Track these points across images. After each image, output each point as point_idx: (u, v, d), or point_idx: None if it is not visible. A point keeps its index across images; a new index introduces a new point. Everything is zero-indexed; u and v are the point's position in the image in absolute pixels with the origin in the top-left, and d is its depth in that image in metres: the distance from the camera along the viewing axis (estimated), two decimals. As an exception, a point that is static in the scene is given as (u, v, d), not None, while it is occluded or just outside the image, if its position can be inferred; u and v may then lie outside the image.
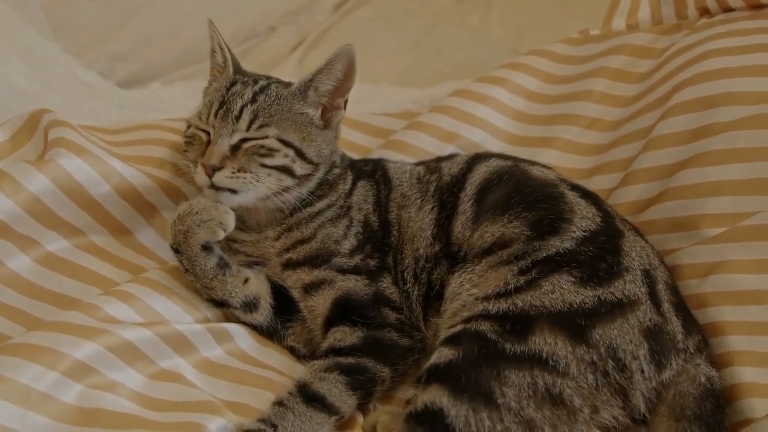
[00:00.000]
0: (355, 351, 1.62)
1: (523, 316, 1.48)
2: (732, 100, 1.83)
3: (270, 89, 1.74)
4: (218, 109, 1.71)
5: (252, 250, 1.78)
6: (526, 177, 1.72)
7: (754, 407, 1.49)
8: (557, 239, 1.58)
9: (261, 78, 1.82)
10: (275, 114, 1.71)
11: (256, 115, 1.70)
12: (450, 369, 1.45)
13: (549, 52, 2.33)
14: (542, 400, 1.42)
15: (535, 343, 1.45)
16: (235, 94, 1.72)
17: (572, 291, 1.50)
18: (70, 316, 1.56)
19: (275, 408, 1.51)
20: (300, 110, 1.75)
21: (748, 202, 1.72)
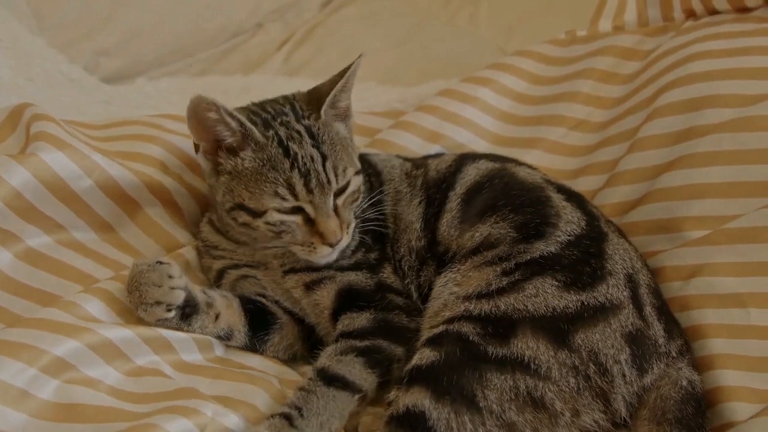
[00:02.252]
0: (367, 334, 1.62)
1: (506, 319, 1.48)
2: (717, 102, 1.84)
3: (316, 130, 1.68)
4: (305, 182, 1.61)
5: (251, 259, 1.79)
6: (514, 180, 1.72)
7: (736, 410, 1.49)
8: (542, 243, 1.58)
9: (283, 116, 1.71)
10: (338, 151, 1.68)
11: (335, 167, 1.66)
12: (432, 371, 1.44)
13: (535, 53, 2.33)
14: (524, 403, 1.42)
15: (518, 347, 1.45)
16: (307, 159, 1.63)
17: (556, 295, 1.50)
18: (50, 313, 1.54)
19: (298, 393, 1.52)
20: (341, 133, 1.75)
21: (732, 204, 1.72)
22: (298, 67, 3.15)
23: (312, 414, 1.48)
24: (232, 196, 1.66)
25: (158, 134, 1.95)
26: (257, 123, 1.66)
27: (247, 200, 1.64)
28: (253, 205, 1.63)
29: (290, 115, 1.70)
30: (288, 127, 1.67)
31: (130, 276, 1.60)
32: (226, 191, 1.67)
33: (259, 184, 1.63)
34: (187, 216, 1.95)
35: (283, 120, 1.68)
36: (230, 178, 1.66)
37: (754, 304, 1.60)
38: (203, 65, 3.20)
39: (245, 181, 1.64)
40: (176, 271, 1.60)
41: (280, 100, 1.77)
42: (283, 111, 1.71)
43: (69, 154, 1.75)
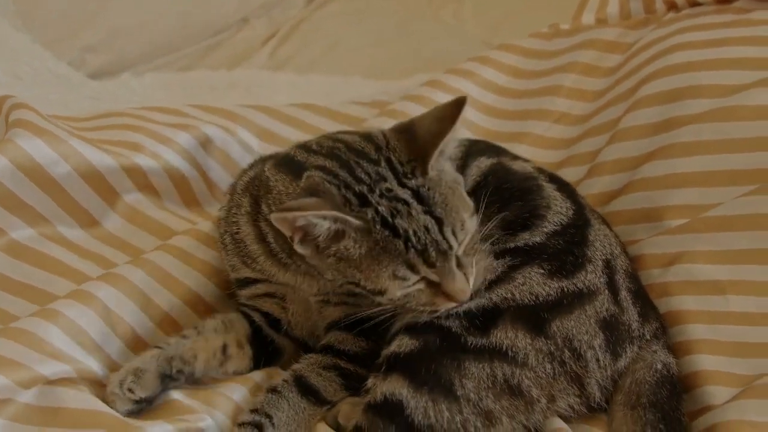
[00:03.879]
0: (356, 360, 1.61)
1: (494, 311, 1.48)
2: (697, 93, 1.85)
3: (425, 191, 1.41)
4: (425, 257, 1.39)
5: (285, 281, 1.64)
6: (507, 174, 1.71)
7: (714, 395, 1.50)
8: (527, 233, 1.58)
9: (382, 182, 1.42)
10: (452, 204, 1.42)
11: (453, 226, 1.41)
12: (410, 359, 1.44)
13: (518, 46, 2.34)
14: (501, 391, 1.43)
15: (497, 337, 1.45)
16: (421, 232, 1.38)
17: (540, 283, 1.51)
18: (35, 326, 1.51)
19: (269, 396, 1.51)
20: (449, 173, 1.49)
21: (711, 193, 1.74)
22: (283, 62, 3.15)
23: (282, 423, 1.48)
24: (344, 276, 1.44)
25: (141, 124, 1.97)
26: (351, 202, 1.40)
27: (362, 281, 1.42)
28: (370, 286, 1.42)
29: (390, 178, 1.42)
30: (390, 198, 1.40)
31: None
32: (335, 272, 1.45)
33: (372, 267, 1.40)
34: (165, 196, 1.96)
35: (382, 189, 1.40)
36: (337, 261, 1.43)
37: (733, 290, 1.62)
38: (189, 60, 3.20)
39: (356, 265, 1.41)
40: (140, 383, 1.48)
41: (371, 153, 1.47)
42: (379, 174, 1.43)
43: (46, 140, 1.75)
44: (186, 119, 2.09)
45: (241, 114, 2.20)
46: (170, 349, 1.54)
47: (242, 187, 1.69)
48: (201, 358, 1.56)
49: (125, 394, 1.45)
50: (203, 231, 1.82)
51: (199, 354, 1.56)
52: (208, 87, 2.84)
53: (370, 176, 1.42)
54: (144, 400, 1.47)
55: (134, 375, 1.46)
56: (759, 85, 1.77)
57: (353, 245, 1.40)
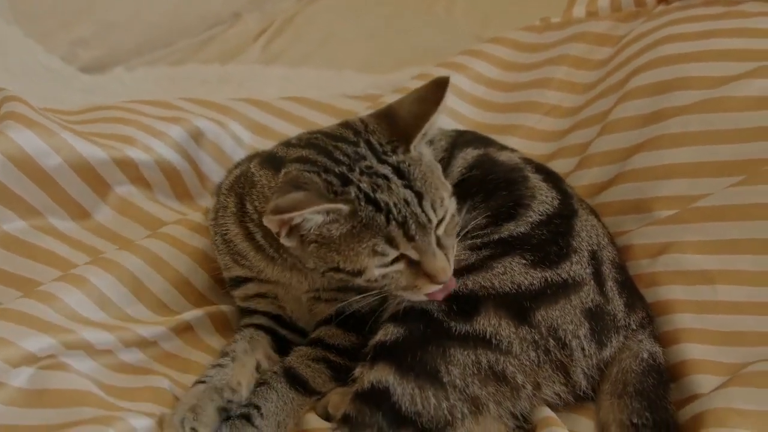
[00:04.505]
0: (345, 353, 1.62)
1: (472, 298, 1.49)
2: (686, 84, 1.86)
3: (406, 167, 1.43)
4: (404, 230, 1.39)
5: (277, 277, 1.66)
6: (493, 165, 1.72)
7: (701, 383, 1.51)
8: (512, 224, 1.59)
9: (362, 161, 1.43)
10: (432, 181, 1.44)
11: (433, 201, 1.42)
12: (396, 347, 1.45)
13: (509, 39, 2.35)
14: (486, 377, 1.44)
15: (480, 324, 1.46)
16: (401, 204, 1.39)
17: (522, 272, 1.52)
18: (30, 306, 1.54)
19: (258, 388, 1.53)
20: (428, 156, 1.50)
21: (699, 184, 1.75)
22: (275, 56, 3.15)
23: (271, 413, 1.50)
24: (324, 261, 1.45)
25: (133, 117, 1.98)
26: (333, 184, 1.41)
27: (341, 263, 1.42)
28: (350, 266, 1.42)
29: (369, 157, 1.44)
30: (370, 174, 1.41)
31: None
32: (317, 258, 1.45)
33: (351, 245, 1.41)
34: (156, 189, 1.97)
35: (362, 167, 1.42)
36: (318, 247, 1.44)
37: (721, 280, 1.63)
38: (181, 55, 3.19)
39: (335, 247, 1.42)
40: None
41: (349, 136, 1.49)
42: (358, 153, 1.44)
43: (37, 132, 1.76)
44: (178, 112, 2.09)
45: (233, 107, 2.21)
46: (215, 380, 1.52)
47: (227, 187, 1.70)
48: (244, 383, 1.55)
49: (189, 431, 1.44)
50: (194, 221, 1.84)
51: (242, 381, 1.55)
52: (200, 81, 2.84)
53: (348, 156, 1.44)
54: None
55: (192, 412, 1.45)
56: (746, 77, 1.78)
57: (336, 227, 1.40)
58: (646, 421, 1.45)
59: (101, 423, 1.35)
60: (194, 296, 1.78)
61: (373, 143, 1.46)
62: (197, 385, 1.52)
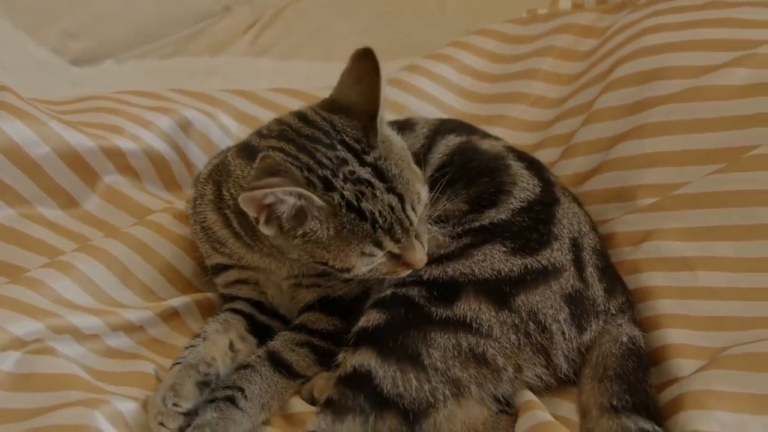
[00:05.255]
0: (329, 337, 1.64)
1: (453, 284, 1.51)
2: (668, 74, 1.87)
3: (382, 164, 1.45)
4: (391, 235, 1.44)
5: (256, 264, 1.69)
6: (475, 152, 1.74)
7: (681, 367, 1.53)
8: (494, 211, 1.61)
9: (344, 166, 1.44)
10: (407, 175, 1.47)
11: (412, 201, 1.45)
12: (378, 332, 1.48)
13: (496, 31, 2.37)
14: (467, 360, 1.46)
15: (461, 309, 1.48)
16: (386, 212, 1.42)
17: (502, 260, 1.54)
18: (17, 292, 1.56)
19: (242, 371, 1.54)
20: (394, 140, 1.52)
21: (681, 172, 1.76)
22: (265, 49, 3.17)
23: (255, 396, 1.51)
24: (311, 256, 1.47)
25: (121, 107, 1.99)
26: (315, 185, 1.42)
27: (330, 261, 1.46)
28: (339, 265, 1.46)
29: (350, 160, 1.44)
30: (354, 181, 1.42)
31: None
32: (301, 252, 1.48)
33: (341, 247, 1.44)
34: (145, 178, 1.98)
35: (345, 173, 1.43)
36: (303, 242, 1.45)
37: (702, 266, 1.64)
38: (172, 48, 3.21)
39: (323, 245, 1.44)
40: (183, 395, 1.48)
41: (324, 139, 1.47)
42: (339, 158, 1.44)
43: (26, 121, 1.78)
44: (166, 103, 2.11)
45: (221, 98, 2.22)
46: (189, 358, 1.55)
47: (205, 176, 1.72)
48: (218, 358, 1.58)
49: (172, 409, 1.45)
50: (180, 209, 1.86)
51: (215, 356, 1.58)
52: (189, 73, 2.86)
53: (331, 160, 1.44)
54: (190, 412, 1.47)
55: (172, 390, 1.47)
56: (729, 66, 1.80)
57: (319, 227, 1.42)
58: (625, 404, 1.46)
59: (87, 405, 1.37)
60: (181, 283, 1.81)
61: (350, 143, 1.46)
62: (174, 366, 1.54)
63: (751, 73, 1.77)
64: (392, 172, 1.45)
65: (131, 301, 1.70)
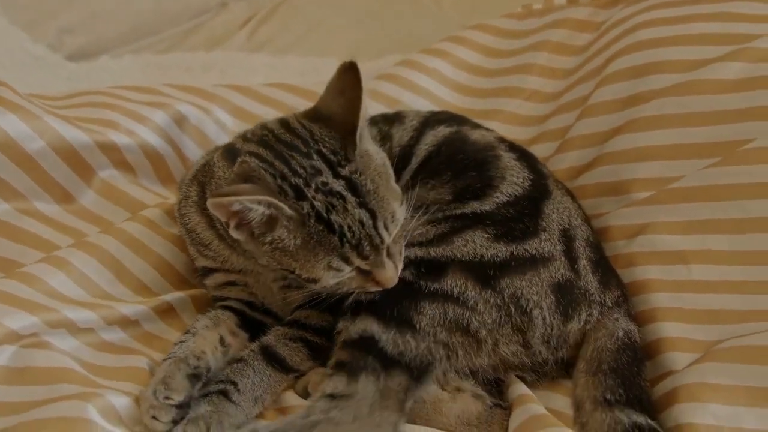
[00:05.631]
0: (323, 333, 1.64)
1: (437, 263, 1.55)
2: (662, 68, 1.88)
3: (357, 177, 1.43)
4: (358, 251, 1.43)
5: (243, 266, 1.69)
6: (464, 143, 1.74)
7: (676, 360, 1.54)
8: (477, 203, 1.63)
9: (317, 176, 1.42)
10: (383, 192, 1.45)
11: (385, 219, 1.44)
12: (374, 304, 1.53)
13: (492, 26, 2.38)
14: (453, 327, 1.52)
15: (447, 284, 1.53)
16: (356, 227, 1.41)
17: (484, 245, 1.56)
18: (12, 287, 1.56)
19: (235, 365, 1.55)
20: (373, 154, 1.49)
21: (675, 166, 1.77)
22: (261, 45, 3.16)
23: (248, 389, 1.52)
24: (279, 263, 1.47)
25: (117, 102, 2.00)
26: (287, 193, 1.41)
27: (297, 270, 1.45)
28: (305, 275, 1.45)
29: (325, 171, 1.43)
30: (325, 193, 1.41)
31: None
32: (270, 259, 1.48)
33: (308, 257, 1.43)
34: (140, 173, 1.98)
35: (318, 183, 1.41)
36: (272, 249, 1.45)
37: (696, 260, 1.65)
38: (168, 44, 3.20)
39: (292, 254, 1.44)
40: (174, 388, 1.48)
41: (300, 146, 1.46)
42: (314, 167, 1.43)
43: (21, 116, 1.78)
44: (161, 98, 2.11)
45: (216, 93, 2.22)
46: (179, 352, 1.55)
47: (191, 177, 1.72)
48: (208, 351, 1.58)
49: (164, 402, 1.46)
50: (173, 204, 1.85)
51: (205, 350, 1.58)
52: (185, 69, 2.85)
53: (305, 169, 1.43)
54: (182, 405, 1.47)
55: (163, 383, 1.47)
56: (722, 60, 1.80)
57: (287, 235, 1.42)
58: (619, 397, 1.47)
59: (81, 399, 1.37)
60: (176, 279, 1.81)
61: (326, 154, 1.45)
62: (164, 361, 1.55)
63: (744, 67, 1.77)
64: (367, 188, 1.43)
65: (125, 296, 1.70)
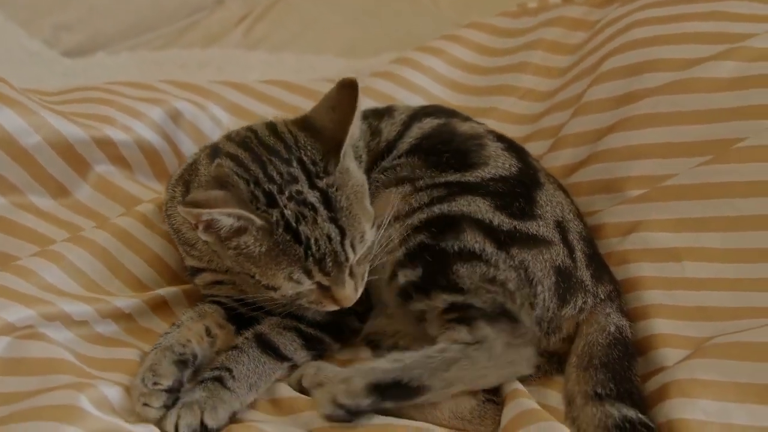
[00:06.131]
0: (316, 326, 1.65)
1: (447, 218, 1.56)
2: (655, 67, 1.88)
3: (333, 192, 1.43)
4: (321, 266, 1.43)
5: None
6: (450, 133, 1.74)
7: (667, 356, 1.55)
8: (458, 174, 1.64)
9: (293, 184, 1.43)
10: (356, 212, 1.46)
11: (353, 239, 1.44)
12: (414, 284, 1.55)
13: (487, 24, 2.39)
14: (487, 280, 1.53)
15: (467, 240, 1.54)
16: (322, 241, 1.41)
17: (489, 210, 1.57)
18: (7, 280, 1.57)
19: (230, 352, 1.55)
20: (354, 173, 1.50)
21: (668, 164, 1.77)
22: (257, 42, 3.17)
23: (243, 376, 1.52)
24: (241, 267, 1.48)
25: (113, 98, 2.00)
26: (258, 200, 1.42)
27: (258, 275, 1.46)
28: (265, 281, 1.46)
29: (302, 180, 1.44)
30: (298, 202, 1.42)
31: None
32: (233, 262, 1.49)
33: (270, 265, 1.44)
34: (136, 169, 1.99)
35: (292, 191, 1.42)
36: (236, 253, 1.46)
37: (689, 257, 1.66)
38: (164, 40, 3.21)
39: (254, 260, 1.44)
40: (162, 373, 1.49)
41: (282, 151, 1.48)
42: (291, 175, 1.44)
43: (17, 110, 1.79)
44: (157, 94, 2.12)
45: (212, 89, 2.23)
46: (164, 342, 1.55)
47: (176, 177, 1.73)
48: (194, 340, 1.58)
49: (153, 388, 1.46)
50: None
51: (191, 338, 1.58)
52: (181, 65, 2.87)
53: (281, 176, 1.44)
54: (172, 389, 1.48)
55: (150, 371, 1.48)
56: (716, 58, 1.81)
57: (253, 243, 1.43)
58: (609, 392, 1.48)
59: (74, 389, 1.37)
60: (169, 274, 1.81)
61: (306, 163, 1.45)
62: (150, 351, 1.55)
63: (738, 66, 1.78)
64: (340, 204, 1.44)
65: (119, 291, 1.71)
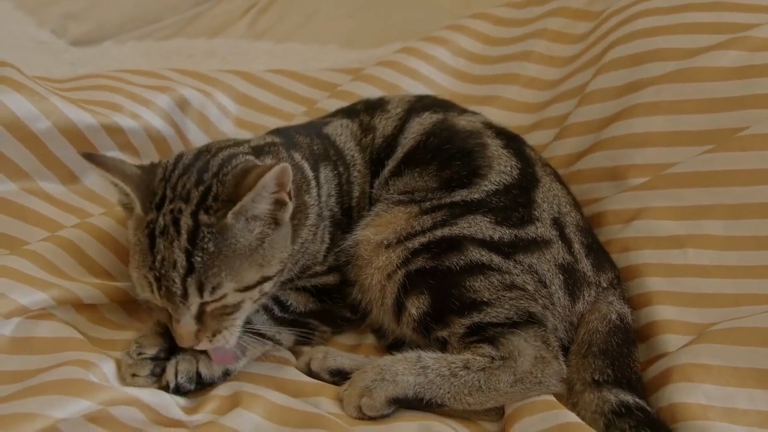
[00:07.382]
0: (306, 315, 1.67)
1: (448, 239, 1.56)
2: (659, 56, 1.90)
3: (207, 231, 1.39)
4: (158, 285, 1.40)
5: None
6: (451, 131, 1.74)
7: (669, 342, 1.57)
8: (465, 191, 1.64)
9: (182, 203, 1.42)
10: (220, 265, 1.39)
11: (200, 283, 1.38)
12: (429, 315, 1.54)
13: (491, 14, 2.41)
14: (506, 287, 1.53)
15: (472, 254, 1.54)
16: (168, 265, 1.38)
17: (489, 227, 1.58)
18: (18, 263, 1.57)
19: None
20: (246, 240, 1.42)
21: (672, 153, 1.79)
22: (262, 32, 3.17)
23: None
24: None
25: (121, 86, 2.02)
26: (156, 195, 1.45)
27: (130, 260, 1.48)
28: (131, 269, 1.47)
29: (190, 204, 1.42)
30: (174, 219, 1.40)
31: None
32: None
33: (133, 255, 1.45)
34: (144, 155, 2.00)
35: (176, 207, 1.42)
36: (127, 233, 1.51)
37: (691, 244, 1.68)
38: (170, 31, 3.21)
39: (129, 243, 1.48)
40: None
41: (205, 174, 1.46)
42: (189, 195, 1.43)
43: (27, 95, 1.80)
44: (165, 82, 2.14)
45: (219, 78, 2.26)
46: (151, 322, 1.57)
47: None
48: None
49: (138, 358, 1.48)
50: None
51: None
52: (187, 55, 2.87)
53: (183, 189, 1.44)
54: (156, 357, 1.50)
55: (136, 343, 1.51)
56: (718, 48, 1.83)
57: (132, 227, 1.47)
58: (607, 378, 1.49)
59: (81, 366, 1.40)
60: None
61: (209, 194, 1.42)
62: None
63: (740, 56, 1.80)
64: (206, 246, 1.38)
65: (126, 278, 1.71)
